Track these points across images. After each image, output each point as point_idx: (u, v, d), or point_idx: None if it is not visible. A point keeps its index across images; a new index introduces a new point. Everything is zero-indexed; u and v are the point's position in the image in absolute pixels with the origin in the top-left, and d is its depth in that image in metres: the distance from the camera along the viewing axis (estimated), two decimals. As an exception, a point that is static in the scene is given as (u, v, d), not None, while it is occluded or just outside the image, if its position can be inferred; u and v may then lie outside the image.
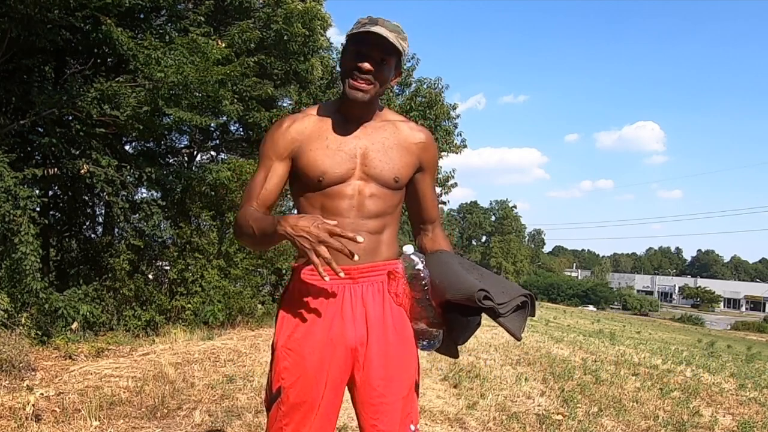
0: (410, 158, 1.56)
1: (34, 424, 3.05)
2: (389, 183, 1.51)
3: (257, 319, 7.65)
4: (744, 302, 78.00)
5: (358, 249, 1.36)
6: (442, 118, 12.97)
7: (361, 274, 1.47)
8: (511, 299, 1.42)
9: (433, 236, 1.69)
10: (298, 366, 1.45)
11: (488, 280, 1.46)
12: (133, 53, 6.04)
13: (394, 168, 1.51)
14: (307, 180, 1.50)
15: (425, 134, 1.61)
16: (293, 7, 8.07)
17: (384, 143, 1.52)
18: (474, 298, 1.37)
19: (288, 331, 1.48)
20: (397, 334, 1.49)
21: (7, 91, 6.16)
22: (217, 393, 3.91)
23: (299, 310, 1.48)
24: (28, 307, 5.30)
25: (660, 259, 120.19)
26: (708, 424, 4.15)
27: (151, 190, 7.30)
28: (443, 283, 1.45)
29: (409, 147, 1.56)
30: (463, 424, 3.61)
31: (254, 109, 8.09)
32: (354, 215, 1.48)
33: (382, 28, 1.40)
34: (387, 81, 1.48)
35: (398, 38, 1.42)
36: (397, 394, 1.48)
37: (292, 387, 1.44)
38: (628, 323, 33.45)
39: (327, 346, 1.44)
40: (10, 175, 4.95)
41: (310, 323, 1.46)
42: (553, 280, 68.12)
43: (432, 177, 1.65)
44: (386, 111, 1.61)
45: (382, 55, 1.42)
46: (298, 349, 1.45)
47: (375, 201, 1.50)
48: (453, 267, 1.49)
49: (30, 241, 4.94)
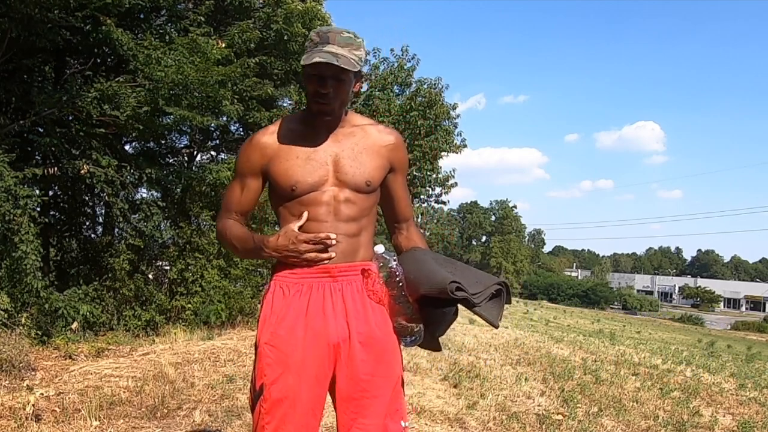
0: (380, 161, 1.60)
1: (34, 424, 3.05)
2: (362, 187, 1.55)
3: (257, 319, 7.63)
4: (744, 302, 77.97)
5: (337, 251, 1.50)
6: (442, 118, 12.96)
7: (340, 273, 1.52)
8: (485, 288, 1.47)
9: (408, 234, 1.75)
10: (280, 362, 1.48)
11: (461, 272, 1.51)
12: (133, 53, 6.04)
13: (365, 172, 1.56)
14: (281, 190, 1.56)
15: (394, 136, 1.65)
16: (293, 7, 8.06)
17: (354, 149, 1.57)
18: (446, 290, 1.41)
19: (270, 328, 1.51)
20: (379, 329, 1.53)
21: (7, 91, 6.16)
22: (217, 393, 3.91)
23: (282, 308, 1.52)
24: (28, 307, 5.30)
25: (660, 259, 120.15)
26: (708, 424, 4.15)
27: (151, 190, 7.30)
28: (417, 279, 1.49)
29: (378, 150, 1.60)
30: (463, 424, 3.61)
31: (254, 109, 8.09)
32: (331, 220, 1.53)
33: (333, 46, 1.43)
34: (348, 93, 1.52)
35: (351, 52, 1.45)
36: (382, 389, 1.51)
37: (274, 383, 1.47)
38: (628, 323, 33.46)
39: (309, 343, 1.48)
40: (10, 175, 4.96)
41: (292, 320, 1.50)
42: (553, 280, 68.07)
43: (403, 177, 1.71)
44: (353, 116, 1.64)
45: (339, 74, 1.46)
46: (280, 345, 1.49)
47: (350, 206, 1.54)
48: (426, 263, 1.53)
49: (30, 240, 4.95)
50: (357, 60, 1.47)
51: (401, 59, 13.15)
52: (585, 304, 60.46)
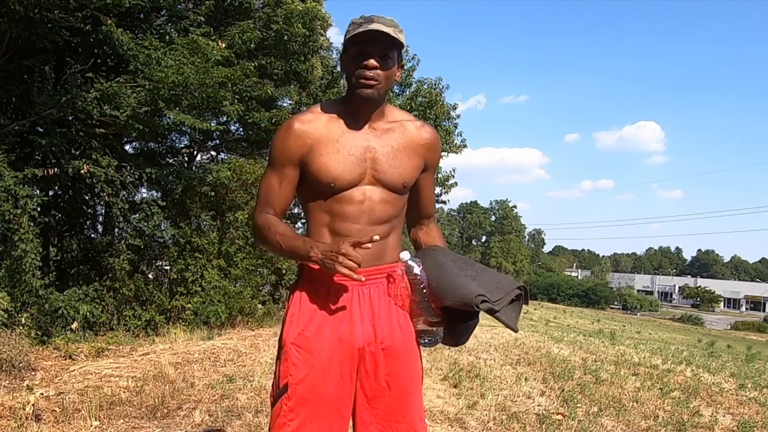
0: (417, 160, 1.56)
1: (34, 424, 3.05)
2: (398, 188, 1.52)
3: (257, 319, 7.64)
4: (744, 302, 77.91)
5: (366, 254, 1.43)
6: (442, 118, 12.97)
7: (368, 276, 1.48)
8: (506, 294, 1.45)
9: (428, 230, 1.72)
10: (307, 362, 1.47)
11: (482, 277, 1.49)
12: (134, 53, 6.05)
13: (403, 173, 1.52)
14: (317, 185, 1.49)
15: (431, 133, 1.60)
16: (293, 7, 8.07)
17: (393, 146, 1.52)
18: (472, 304, 1.39)
19: (298, 328, 1.50)
20: (402, 332, 1.53)
21: (7, 91, 6.17)
22: (217, 393, 3.90)
23: (309, 309, 1.50)
24: (28, 306, 5.31)
25: (660, 259, 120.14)
26: (708, 424, 4.15)
27: (151, 190, 7.31)
28: (440, 288, 1.46)
29: (416, 149, 1.56)
30: (463, 424, 3.61)
31: (254, 109, 8.09)
32: (364, 221, 1.49)
33: (379, 24, 1.41)
34: (393, 75, 1.48)
35: (396, 32, 1.43)
36: (406, 389, 1.52)
37: (300, 383, 1.46)
38: (628, 323, 33.47)
39: (336, 344, 1.48)
40: (10, 175, 4.96)
41: (320, 322, 1.49)
42: (553, 280, 68.08)
43: (433, 175, 1.67)
44: (391, 109, 1.59)
45: (384, 51, 1.43)
46: (307, 345, 1.48)
47: (384, 206, 1.51)
48: (448, 268, 1.50)
49: (30, 240, 4.95)
50: (401, 39, 1.44)
51: (401, 59, 13.16)
52: (585, 304, 60.47)
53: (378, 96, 1.46)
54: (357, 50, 1.43)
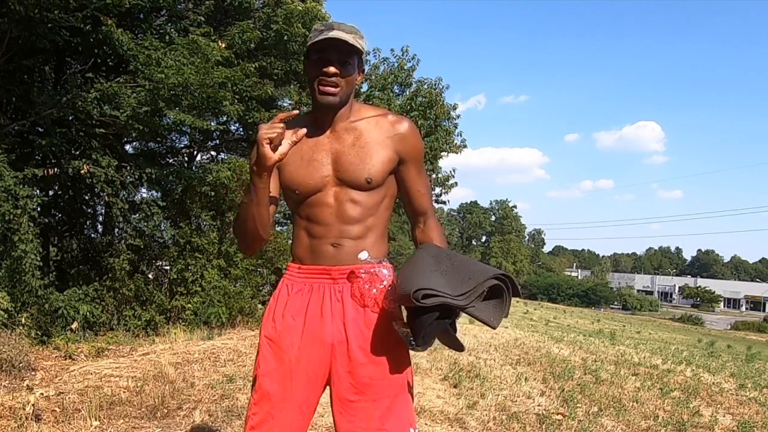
0: (385, 153, 1.51)
1: (34, 424, 3.05)
2: (362, 185, 1.50)
3: (257, 319, 7.64)
4: (744, 302, 77.92)
5: (340, 253, 1.49)
6: (442, 118, 12.96)
7: (340, 275, 1.50)
8: (476, 285, 1.29)
9: (425, 228, 1.64)
10: (275, 357, 1.50)
11: (457, 270, 1.35)
12: (134, 53, 6.04)
13: (365, 169, 1.49)
14: (287, 193, 1.56)
15: (402, 124, 1.55)
16: (293, 7, 8.07)
17: (354, 143, 1.51)
18: (410, 298, 1.27)
19: (271, 322, 1.53)
20: (380, 334, 1.47)
21: (7, 91, 6.17)
22: (217, 393, 3.91)
23: (283, 303, 1.54)
24: (28, 306, 5.31)
25: (660, 259, 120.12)
26: (708, 424, 4.15)
27: (151, 190, 7.30)
28: (399, 284, 1.37)
29: (383, 142, 1.52)
30: (463, 424, 3.61)
31: (254, 109, 8.09)
32: (336, 222, 1.51)
33: (339, 31, 1.44)
34: (353, 80, 1.50)
35: (356, 38, 1.45)
36: (381, 393, 1.46)
37: (265, 376, 1.49)
38: (628, 323, 33.47)
39: (305, 342, 1.49)
40: (10, 175, 4.96)
41: (292, 317, 1.51)
42: (553, 280, 68.06)
43: (416, 167, 1.58)
44: (361, 108, 1.58)
45: (344, 57, 1.46)
46: (277, 340, 1.51)
47: (353, 206, 1.50)
48: (419, 264, 1.39)
49: (30, 240, 4.95)
50: (360, 46, 1.47)
51: (401, 59, 13.13)
52: (585, 304, 60.46)
53: (339, 101, 1.49)
54: (317, 57, 1.47)
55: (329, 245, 1.51)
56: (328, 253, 1.51)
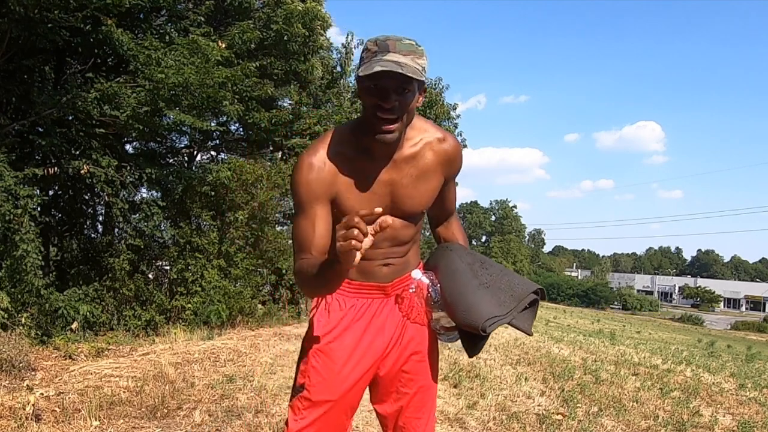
0: (437, 180, 1.55)
1: (34, 424, 3.05)
2: (417, 215, 1.57)
3: (257, 319, 7.65)
4: (744, 302, 77.89)
5: (390, 271, 1.56)
6: (442, 118, 12.99)
7: (393, 290, 1.58)
8: (519, 302, 1.45)
9: (448, 224, 1.76)
10: (326, 368, 1.53)
11: (497, 283, 1.49)
12: (134, 53, 6.05)
13: (422, 201, 1.54)
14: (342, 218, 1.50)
15: (451, 146, 1.53)
16: (293, 7, 8.08)
17: (413, 175, 1.48)
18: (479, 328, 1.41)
19: (321, 333, 1.55)
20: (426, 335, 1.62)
21: (7, 91, 6.17)
22: (217, 393, 3.91)
23: (337, 320, 1.56)
24: (29, 306, 5.31)
25: (660, 259, 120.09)
26: (708, 424, 4.15)
27: (151, 190, 7.31)
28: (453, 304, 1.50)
29: (436, 169, 1.52)
30: (463, 424, 3.61)
31: (254, 109, 8.10)
32: (387, 245, 1.54)
33: (395, 54, 1.28)
34: (414, 108, 1.38)
35: (414, 59, 1.30)
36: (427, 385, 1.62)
37: (315, 386, 1.53)
38: (628, 323, 33.47)
39: (356, 354, 1.54)
40: (10, 175, 4.96)
41: (343, 330, 1.55)
42: (553, 280, 68.01)
43: (454, 180, 1.66)
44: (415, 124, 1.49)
45: (403, 84, 1.30)
46: (328, 352, 1.54)
47: (405, 231, 1.55)
48: (461, 278, 1.51)
49: (31, 239, 4.95)
50: (421, 69, 1.31)
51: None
52: (585, 304, 60.45)
53: (398, 137, 1.38)
54: (372, 85, 1.30)
55: (381, 266, 1.55)
56: (380, 272, 1.55)
